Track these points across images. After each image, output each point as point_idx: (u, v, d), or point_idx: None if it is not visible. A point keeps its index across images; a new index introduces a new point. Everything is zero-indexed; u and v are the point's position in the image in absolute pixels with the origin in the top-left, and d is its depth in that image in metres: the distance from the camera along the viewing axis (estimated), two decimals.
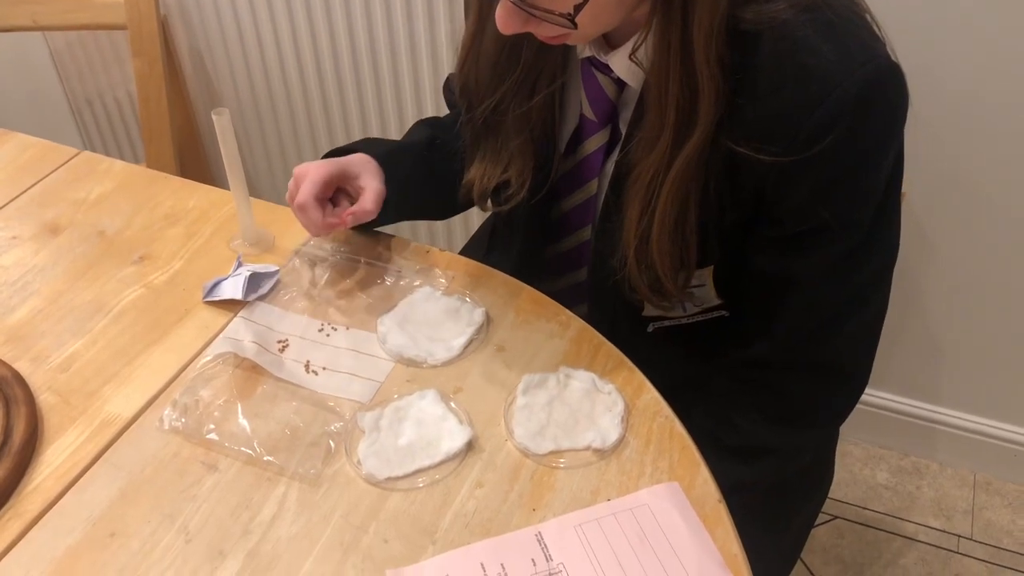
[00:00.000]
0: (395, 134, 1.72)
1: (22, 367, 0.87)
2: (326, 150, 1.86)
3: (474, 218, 1.03)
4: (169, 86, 1.69)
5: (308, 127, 1.82)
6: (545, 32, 0.74)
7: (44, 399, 0.84)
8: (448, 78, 1.10)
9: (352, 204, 0.92)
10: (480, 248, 1.15)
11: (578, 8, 0.69)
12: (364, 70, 1.65)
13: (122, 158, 2.11)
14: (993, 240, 1.41)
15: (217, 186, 1.09)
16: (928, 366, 1.62)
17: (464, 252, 1.16)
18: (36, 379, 0.86)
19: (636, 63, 0.78)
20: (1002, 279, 1.45)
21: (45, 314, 0.93)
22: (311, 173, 0.90)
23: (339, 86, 1.71)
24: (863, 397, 0.91)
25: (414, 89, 1.63)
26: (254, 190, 1.95)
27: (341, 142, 1.78)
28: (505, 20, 0.72)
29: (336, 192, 0.94)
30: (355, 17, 1.58)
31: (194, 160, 1.94)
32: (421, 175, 0.99)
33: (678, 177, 0.76)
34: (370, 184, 0.92)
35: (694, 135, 0.74)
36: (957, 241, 1.43)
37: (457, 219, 1.10)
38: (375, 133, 1.74)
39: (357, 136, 1.76)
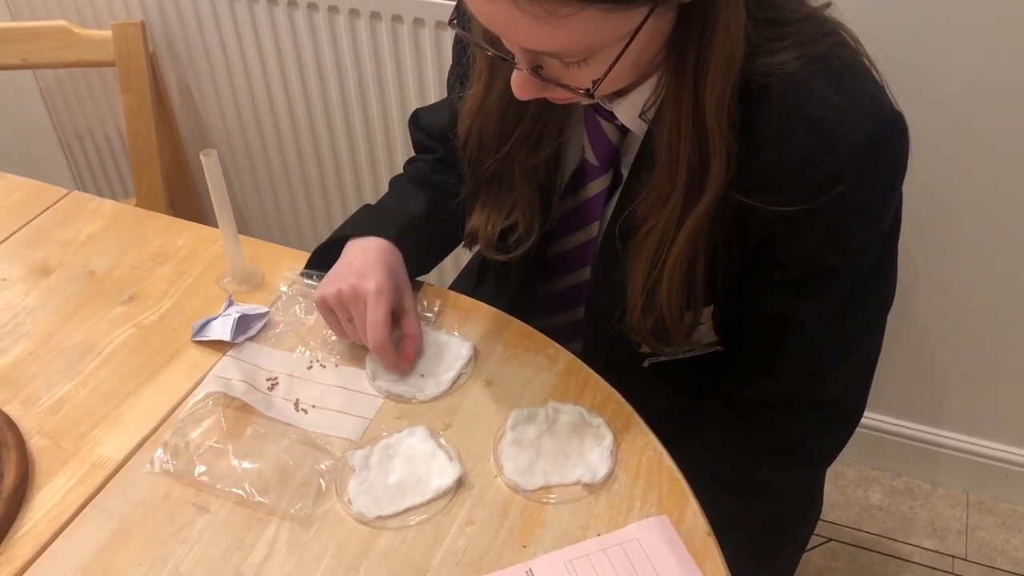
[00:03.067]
0: (383, 165, 1.72)
1: (13, 410, 0.87)
2: (315, 185, 1.89)
3: (463, 251, 1.04)
4: (158, 122, 1.70)
5: (297, 162, 1.83)
6: (559, 96, 0.74)
7: (35, 442, 0.84)
8: (416, 114, 1.10)
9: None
10: (469, 282, 1.16)
11: (596, 83, 0.69)
12: (352, 101, 1.66)
13: (113, 193, 2.12)
14: (985, 259, 1.42)
15: (208, 219, 1.10)
16: (920, 387, 1.62)
17: (453, 286, 1.16)
18: (27, 422, 0.86)
19: (646, 121, 0.79)
20: (993, 299, 1.46)
21: (35, 356, 0.94)
22: (376, 310, 0.86)
23: (328, 121, 1.72)
24: None
25: (402, 125, 1.64)
26: (243, 227, 1.97)
27: (330, 178, 1.80)
28: (521, 87, 0.73)
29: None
30: (342, 50, 1.59)
31: (184, 194, 1.95)
32: (428, 246, 1.00)
33: (690, 236, 0.76)
34: (408, 303, 0.91)
35: (705, 195, 0.74)
36: (949, 261, 1.45)
37: None
38: (364, 169, 1.75)
39: (346, 169, 1.77)
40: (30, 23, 1.67)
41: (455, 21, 0.75)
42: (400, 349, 0.90)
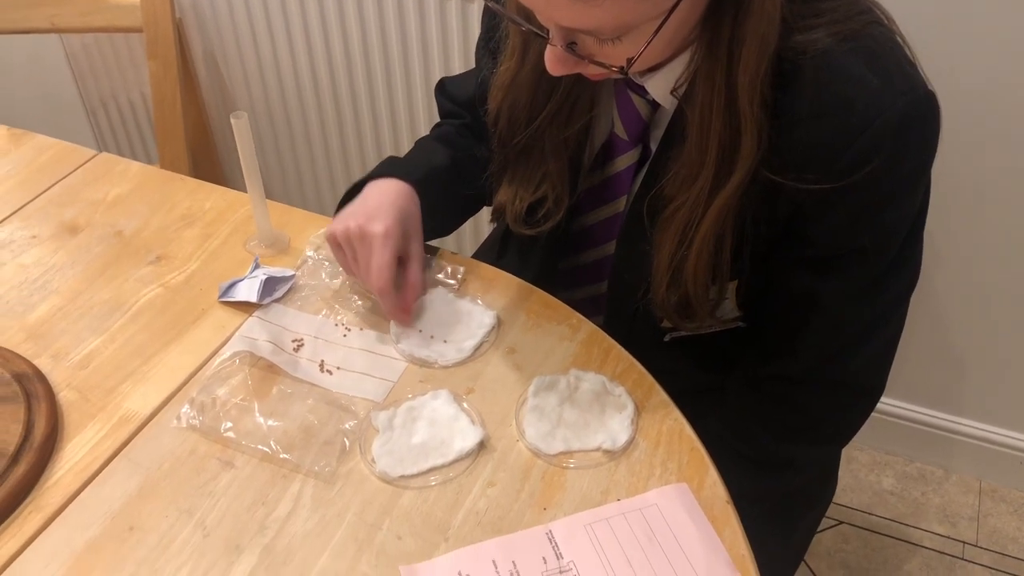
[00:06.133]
0: (406, 135, 1.73)
1: (42, 364, 0.89)
2: (337, 152, 1.89)
3: (484, 222, 1.04)
4: (183, 88, 1.71)
5: (320, 128, 1.84)
6: (593, 72, 0.74)
7: (64, 396, 0.86)
8: (442, 83, 1.10)
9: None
10: (491, 252, 1.16)
11: (631, 61, 0.69)
12: (376, 72, 1.67)
13: (136, 159, 2.13)
14: (1003, 246, 1.42)
15: (231, 186, 1.11)
16: (936, 373, 1.62)
17: (476, 256, 1.17)
18: (56, 376, 0.88)
19: (677, 97, 0.78)
20: (1010, 285, 1.46)
21: (64, 312, 0.95)
22: (382, 254, 0.86)
23: (351, 87, 1.73)
24: None
25: (426, 93, 1.64)
26: (267, 192, 1.97)
27: (352, 143, 1.81)
28: (555, 64, 0.72)
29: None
30: (368, 20, 1.60)
31: (207, 162, 1.96)
32: (447, 202, 1.00)
33: (719, 214, 0.76)
34: (414, 250, 0.91)
35: (735, 173, 0.73)
36: (967, 247, 1.44)
37: (468, 223, 1.11)
38: (386, 134, 1.76)
39: (369, 138, 1.78)
40: None
41: None
42: (399, 298, 0.90)
